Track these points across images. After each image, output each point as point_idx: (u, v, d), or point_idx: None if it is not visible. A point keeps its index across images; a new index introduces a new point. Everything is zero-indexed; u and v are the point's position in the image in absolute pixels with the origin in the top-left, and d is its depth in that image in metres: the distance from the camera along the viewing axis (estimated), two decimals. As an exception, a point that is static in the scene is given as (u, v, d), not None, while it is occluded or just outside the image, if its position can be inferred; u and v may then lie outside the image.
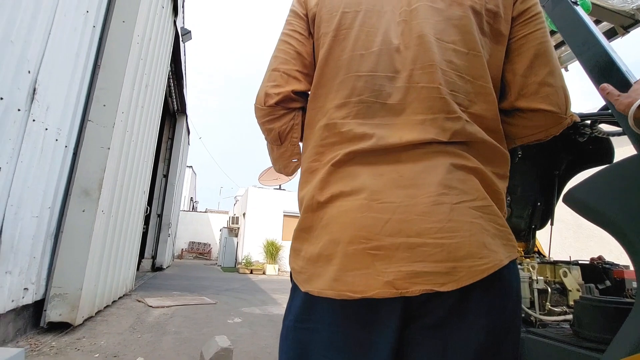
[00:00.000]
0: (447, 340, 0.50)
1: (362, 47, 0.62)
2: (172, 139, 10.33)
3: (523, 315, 1.41)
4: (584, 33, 0.88)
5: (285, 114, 0.69)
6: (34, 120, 2.53)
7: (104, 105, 3.40)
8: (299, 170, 0.70)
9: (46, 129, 2.70)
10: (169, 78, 7.85)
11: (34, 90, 2.50)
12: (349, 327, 0.51)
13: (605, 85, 0.73)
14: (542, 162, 1.99)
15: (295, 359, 0.54)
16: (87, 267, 3.09)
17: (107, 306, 4.03)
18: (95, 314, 3.55)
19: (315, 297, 0.53)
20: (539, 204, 2.07)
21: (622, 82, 0.77)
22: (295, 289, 0.59)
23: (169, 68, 7.08)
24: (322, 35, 0.66)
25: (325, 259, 0.53)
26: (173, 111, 10.00)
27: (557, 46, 2.14)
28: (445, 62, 0.60)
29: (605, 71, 0.82)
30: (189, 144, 13.33)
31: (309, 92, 0.68)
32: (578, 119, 0.65)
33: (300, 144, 0.72)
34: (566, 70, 2.29)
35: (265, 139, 0.73)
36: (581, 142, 1.74)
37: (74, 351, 2.51)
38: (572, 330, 1.13)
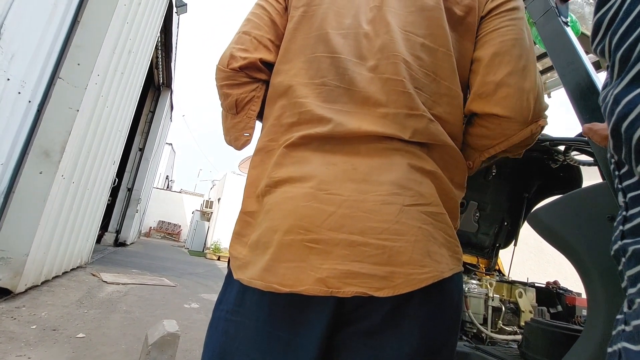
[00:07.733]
0: (379, 350, 0.46)
1: (330, 26, 0.59)
2: (153, 113, 9.95)
3: (474, 331, 1.41)
4: (571, 54, 0.87)
5: (248, 83, 0.64)
6: (-6, 68, 2.33)
7: (78, 64, 3.19)
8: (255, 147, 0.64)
9: (8, 79, 2.50)
10: (157, 49, 7.53)
11: (-2, 34, 2.30)
12: (275, 326, 0.47)
13: (586, 124, 0.71)
14: (514, 182, 2.02)
15: (218, 352, 0.50)
16: (37, 233, 2.89)
17: (57, 276, 3.81)
18: (42, 283, 3.35)
19: (246, 287, 0.49)
20: (505, 223, 2.10)
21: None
22: (230, 276, 0.54)
23: (158, 38, 6.78)
24: (292, 8, 0.63)
25: (263, 247, 0.48)
26: (158, 84, 9.62)
27: (544, 72, 2.17)
28: (411, 56, 0.56)
29: (586, 94, 0.81)
30: (171, 120, 12.89)
31: None
32: (546, 124, 0.59)
33: (258, 122, 0.67)
34: (549, 97, 2.34)
35: (221, 105, 0.68)
36: (553, 168, 1.77)
37: (9, 320, 2.33)
38: (519, 351, 1.14)
